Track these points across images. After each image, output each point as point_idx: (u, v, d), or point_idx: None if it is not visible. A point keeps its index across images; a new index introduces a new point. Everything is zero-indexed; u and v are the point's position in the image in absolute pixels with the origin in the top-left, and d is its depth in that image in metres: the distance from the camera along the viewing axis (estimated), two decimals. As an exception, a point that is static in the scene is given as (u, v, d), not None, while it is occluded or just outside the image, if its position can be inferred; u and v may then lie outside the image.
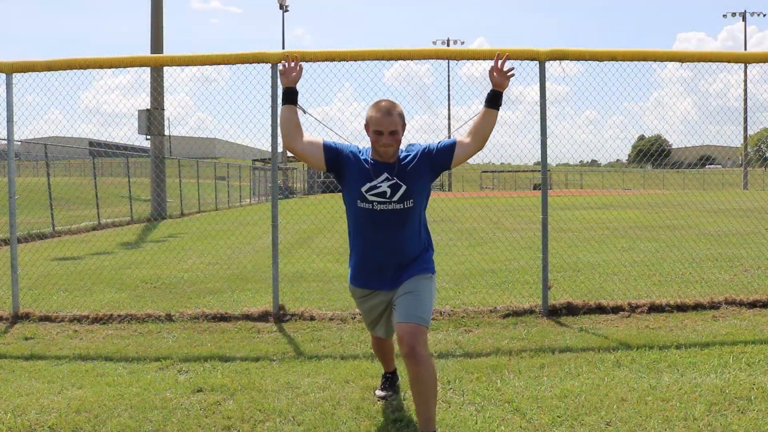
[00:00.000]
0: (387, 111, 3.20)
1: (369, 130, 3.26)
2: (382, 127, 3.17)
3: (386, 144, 3.19)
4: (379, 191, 3.22)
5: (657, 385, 3.88)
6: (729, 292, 6.25)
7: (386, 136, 3.18)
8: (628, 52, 5.62)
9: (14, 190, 5.93)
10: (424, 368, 3.00)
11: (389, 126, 3.17)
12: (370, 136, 3.27)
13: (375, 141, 3.22)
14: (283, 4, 51.48)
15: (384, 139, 3.18)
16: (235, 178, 32.78)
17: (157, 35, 20.57)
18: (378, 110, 3.21)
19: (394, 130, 3.19)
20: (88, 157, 30.09)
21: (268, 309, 5.84)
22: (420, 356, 3.00)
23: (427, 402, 3.03)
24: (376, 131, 3.20)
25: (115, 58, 5.70)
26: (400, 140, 3.25)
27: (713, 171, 52.82)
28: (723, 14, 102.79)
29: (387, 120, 3.17)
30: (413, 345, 3.00)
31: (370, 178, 3.23)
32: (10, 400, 3.78)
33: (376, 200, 3.22)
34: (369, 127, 3.25)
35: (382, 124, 3.17)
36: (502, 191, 44.38)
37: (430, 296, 3.26)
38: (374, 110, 3.23)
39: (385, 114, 3.18)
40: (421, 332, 3.06)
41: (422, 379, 3.00)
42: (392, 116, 3.19)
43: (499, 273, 8.03)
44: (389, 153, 3.22)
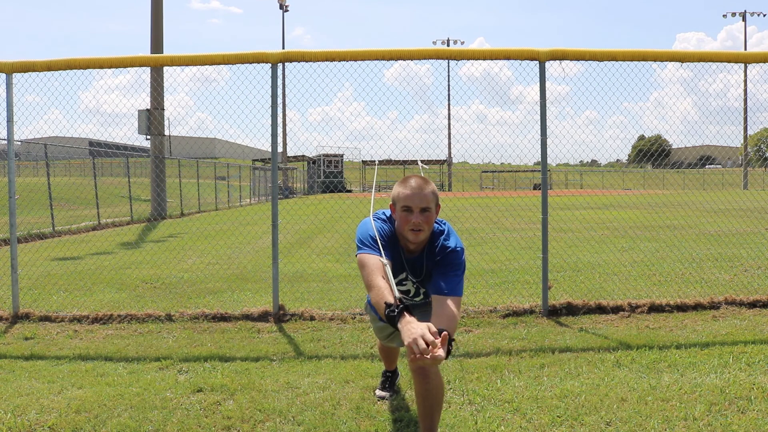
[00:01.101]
0: (419, 187, 2.81)
1: (395, 210, 2.88)
2: (413, 203, 2.78)
3: (416, 225, 2.79)
4: (404, 289, 3.04)
5: (657, 385, 3.88)
6: (729, 292, 6.25)
7: (417, 215, 2.79)
8: (628, 52, 5.62)
9: (14, 190, 5.93)
10: (432, 385, 2.89)
11: (421, 202, 2.78)
12: (397, 218, 2.88)
13: (404, 222, 2.81)
14: (283, 4, 51.51)
15: (414, 218, 2.78)
16: (235, 178, 32.78)
17: (157, 35, 20.58)
18: (407, 186, 2.82)
19: (427, 207, 2.80)
20: (88, 157, 30.12)
21: (268, 309, 5.84)
22: (428, 374, 2.88)
23: (431, 414, 2.98)
24: (404, 208, 2.81)
25: (115, 58, 5.70)
26: (432, 221, 2.84)
27: (713, 171, 52.83)
28: (723, 14, 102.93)
29: (419, 196, 2.79)
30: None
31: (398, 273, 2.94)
32: (10, 400, 3.78)
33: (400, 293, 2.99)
34: (395, 205, 2.87)
35: (413, 200, 2.78)
36: (502, 191, 44.39)
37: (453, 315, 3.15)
38: (402, 186, 2.84)
39: (416, 190, 2.80)
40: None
41: (429, 394, 2.94)
42: (424, 192, 2.80)
43: (499, 273, 8.03)
44: (419, 239, 2.82)
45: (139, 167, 38.64)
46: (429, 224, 2.82)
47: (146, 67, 6.05)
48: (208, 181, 28.67)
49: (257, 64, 5.72)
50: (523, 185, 55.32)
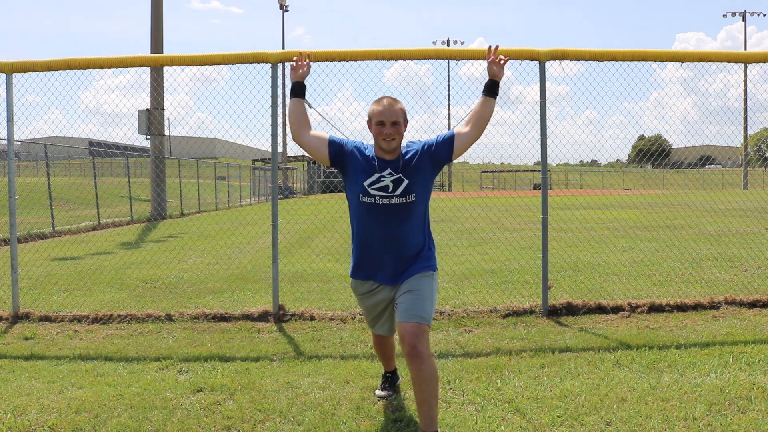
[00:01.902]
0: (389, 104, 3.29)
1: (371, 126, 3.32)
2: (384, 117, 3.25)
3: (389, 135, 3.25)
4: (382, 185, 3.26)
5: (657, 385, 3.88)
6: (729, 292, 6.25)
7: (388, 127, 3.24)
8: (628, 52, 5.62)
9: (14, 190, 5.93)
10: (426, 367, 3.02)
11: (391, 117, 3.25)
12: (372, 131, 3.32)
13: (377, 133, 3.27)
14: (283, 4, 51.49)
15: (386, 129, 3.24)
16: (235, 178, 32.78)
17: (157, 35, 20.58)
18: (380, 104, 3.30)
19: (396, 120, 3.26)
20: (88, 157, 30.11)
21: (268, 309, 5.84)
22: (422, 355, 3.02)
23: (428, 401, 3.04)
24: (378, 122, 3.26)
25: (115, 58, 5.70)
26: (402, 133, 3.31)
27: (713, 171, 52.84)
28: (723, 14, 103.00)
29: (389, 111, 3.25)
30: (415, 344, 3.03)
31: (373, 172, 3.28)
32: (10, 400, 3.78)
33: (378, 194, 3.26)
34: (371, 121, 3.31)
35: (384, 114, 3.25)
36: (502, 191, 44.38)
37: (432, 294, 3.28)
38: (376, 104, 3.31)
39: (387, 107, 3.27)
40: (422, 331, 3.09)
41: (424, 378, 3.01)
42: (394, 108, 3.27)
43: (499, 273, 8.03)
44: (392, 146, 3.28)
45: (139, 167, 38.63)
46: (399, 135, 3.28)
47: (146, 67, 6.05)
48: (208, 181, 28.67)
49: (257, 64, 5.72)
50: (523, 185, 55.30)
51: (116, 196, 22.18)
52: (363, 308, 3.58)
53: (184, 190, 23.65)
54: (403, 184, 3.26)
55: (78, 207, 19.18)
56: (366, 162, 3.32)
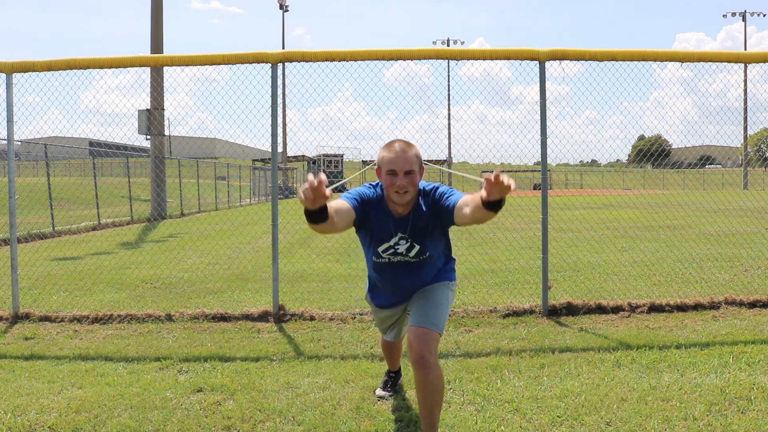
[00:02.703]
0: (402, 150, 2.90)
1: (381, 174, 2.95)
2: (396, 166, 2.87)
3: (401, 187, 2.88)
4: (394, 250, 3.09)
5: (657, 385, 3.88)
6: (729, 292, 6.25)
7: (401, 177, 2.88)
8: (628, 52, 5.62)
9: (14, 190, 5.93)
10: (432, 376, 2.92)
11: (404, 165, 2.87)
12: (382, 180, 2.95)
13: (389, 184, 2.90)
14: (283, 4, 51.49)
15: (399, 180, 2.88)
16: (235, 178, 32.78)
17: (157, 35, 20.58)
18: (391, 150, 2.91)
19: (410, 169, 2.88)
20: (88, 157, 30.11)
21: (268, 309, 5.84)
22: (428, 364, 2.91)
23: (431, 408, 2.99)
24: (389, 172, 2.89)
25: (115, 58, 5.70)
26: (416, 184, 2.93)
27: (713, 171, 52.83)
28: (723, 14, 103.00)
29: (402, 159, 2.88)
30: (423, 353, 2.91)
31: (387, 237, 3.04)
32: (10, 400, 3.78)
33: (391, 256, 3.10)
34: (381, 169, 2.94)
35: (396, 163, 2.87)
36: (502, 191, 44.22)
37: (446, 303, 3.17)
38: (386, 150, 2.92)
39: (399, 153, 2.89)
40: (432, 338, 2.97)
41: (429, 387, 2.94)
42: (408, 155, 2.89)
43: (499, 273, 8.03)
44: (405, 200, 2.93)
45: (139, 167, 38.62)
46: (413, 186, 2.90)
47: (146, 67, 6.05)
48: (208, 181, 28.67)
49: (257, 64, 5.72)
50: (523, 185, 55.29)
51: (116, 196, 22.18)
52: (375, 318, 3.57)
53: (184, 190, 23.65)
54: (415, 249, 3.06)
55: (78, 207, 19.18)
56: (380, 223, 3.01)
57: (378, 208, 3.01)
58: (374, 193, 3.04)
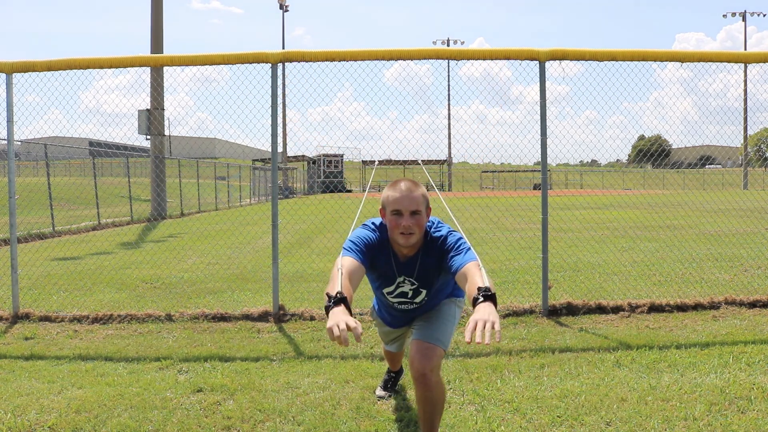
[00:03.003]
0: (408, 189, 2.76)
1: (384, 214, 2.84)
2: (402, 206, 2.73)
3: (406, 229, 2.74)
4: (400, 291, 3.00)
5: (657, 385, 3.88)
6: (729, 292, 6.25)
7: (407, 218, 2.74)
8: (628, 52, 5.62)
9: (14, 190, 5.93)
10: (432, 393, 2.85)
11: (410, 205, 2.73)
12: (386, 221, 2.83)
13: (393, 225, 2.76)
14: (283, 4, 51.50)
15: (404, 221, 2.74)
16: (235, 178, 32.78)
17: (157, 35, 20.58)
18: (395, 189, 2.78)
19: (416, 210, 2.75)
20: (88, 157, 30.11)
21: (268, 309, 5.84)
22: (429, 382, 2.81)
23: (431, 420, 2.95)
24: (394, 212, 2.76)
25: (115, 58, 5.70)
26: (423, 225, 2.79)
27: (713, 171, 52.83)
28: (723, 14, 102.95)
29: (407, 199, 2.74)
30: (424, 370, 2.80)
31: (391, 281, 2.95)
32: (10, 400, 3.78)
33: (397, 300, 3.04)
34: (385, 209, 2.82)
35: (402, 203, 2.73)
36: (502, 191, 44.38)
37: (452, 319, 3.09)
38: (391, 190, 2.80)
39: (405, 193, 2.75)
40: (435, 355, 2.85)
41: (429, 402, 2.90)
42: (414, 195, 2.75)
43: (499, 273, 8.03)
44: (410, 242, 2.78)
45: (139, 167, 38.63)
46: (420, 227, 2.77)
47: (146, 67, 6.05)
48: (208, 181, 28.67)
49: (257, 64, 5.72)
50: (523, 185, 55.31)
51: (116, 196, 22.18)
52: (379, 331, 3.55)
53: (184, 190, 23.65)
54: (422, 294, 2.98)
55: (78, 207, 19.18)
56: (384, 269, 2.90)
57: (382, 252, 2.88)
58: (377, 236, 2.89)
